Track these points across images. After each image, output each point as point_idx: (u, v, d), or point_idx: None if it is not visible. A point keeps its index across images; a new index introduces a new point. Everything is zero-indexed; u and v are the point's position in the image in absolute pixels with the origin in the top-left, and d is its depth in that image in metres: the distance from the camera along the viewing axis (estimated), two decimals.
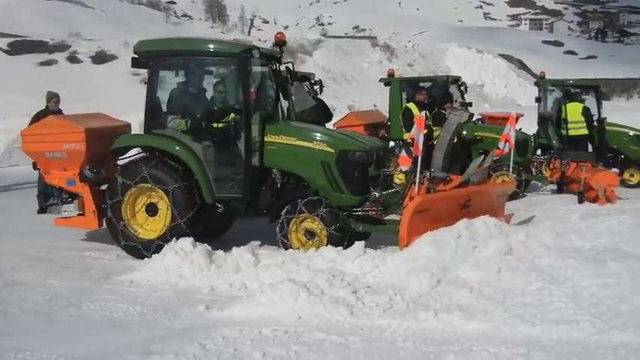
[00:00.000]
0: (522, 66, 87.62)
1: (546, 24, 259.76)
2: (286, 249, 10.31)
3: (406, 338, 6.90)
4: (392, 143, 17.20)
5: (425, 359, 6.39)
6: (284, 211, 10.45)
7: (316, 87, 17.08)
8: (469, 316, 7.35)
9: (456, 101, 16.71)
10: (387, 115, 18.53)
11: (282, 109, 11.64)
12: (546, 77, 21.42)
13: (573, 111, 18.40)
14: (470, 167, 11.10)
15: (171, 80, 11.25)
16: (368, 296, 7.94)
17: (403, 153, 10.96)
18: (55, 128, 11.13)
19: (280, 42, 11.08)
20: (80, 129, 10.83)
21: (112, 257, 10.64)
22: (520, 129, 18.92)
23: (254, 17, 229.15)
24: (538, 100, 20.33)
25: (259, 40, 52.70)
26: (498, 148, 13.52)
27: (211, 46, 10.94)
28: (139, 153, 11.04)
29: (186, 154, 10.57)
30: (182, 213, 10.39)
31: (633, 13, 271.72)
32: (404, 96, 17.74)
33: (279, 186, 10.82)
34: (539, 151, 18.90)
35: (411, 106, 15.38)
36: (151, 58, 10.97)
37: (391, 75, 18.66)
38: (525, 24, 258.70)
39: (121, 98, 31.23)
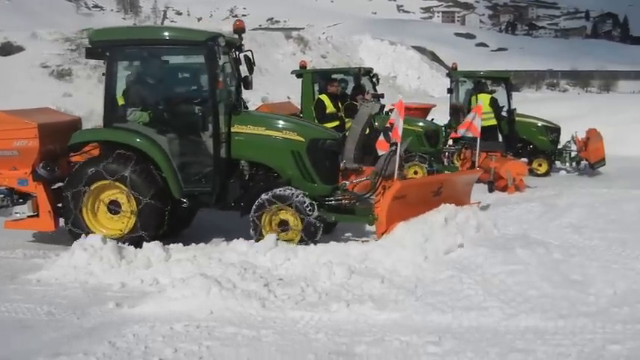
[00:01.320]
0: (435, 58, 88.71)
1: (458, 17, 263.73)
2: (257, 234, 10.06)
3: (318, 330, 6.91)
4: None
5: (337, 350, 6.39)
6: (256, 202, 10.17)
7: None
8: (381, 306, 7.41)
9: (367, 92, 16.78)
10: (300, 107, 18.51)
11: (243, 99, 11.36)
12: (458, 69, 21.74)
13: (482, 102, 18.70)
14: (381, 158, 11.17)
15: (129, 71, 10.85)
16: (280, 289, 7.93)
17: (381, 137, 10.81)
18: (3, 125, 10.41)
19: (239, 29, 10.73)
20: (33, 124, 10.27)
21: (18, 256, 10.20)
22: (432, 119, 19.21)
23: (167, 9, 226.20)
24: (450, 91, 20.63)
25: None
26: (456, 132, 13.53)
27: (176, 34, 10.64)
28: None
29: (150, 148, 10.21)
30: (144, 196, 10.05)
31: (542, 7, 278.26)
32: (316, 88, 17.72)
33: (247, 177, 10.59)
34: (450, 142, 19.15)
35: (324, 97, 15.37)
36: (108, 48, 10.46)
37: (303, 67, 18.63)
38: (438, 16, 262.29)
39: (33, 92, 30.39)
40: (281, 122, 10.78)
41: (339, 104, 15.43)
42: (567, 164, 20.50)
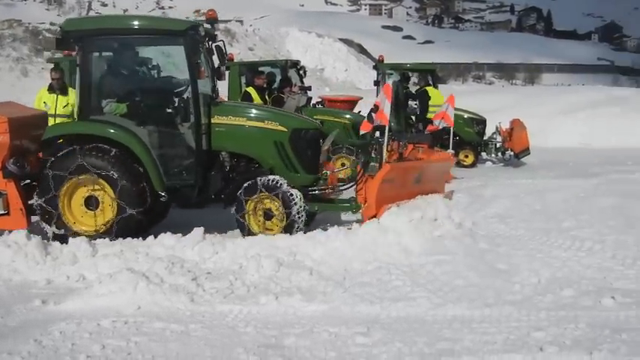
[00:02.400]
0: (362, 50, 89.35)
1: (385, 9, 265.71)
2: (245, 233, 9.96)
3: (247, 323, 6.88)
4: None
5: (266, 343, 6.37)
6: (240, 192, 10.03)
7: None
8: (309, 298, 7.43)
9: (295, 85, 16.80)
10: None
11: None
12: (385, 61, 21.90)
13: (436, 95, 18.95)
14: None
15: (104, 61, 10.58)
16: (208, 282, 7.89)
17: (365, 119, 10.69)
18: None
19: (212, 19, 10.58)
20: (3, 118, 9.82)
21: None
22: (359, 112, 19.32)
23: (92, 0, 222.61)
24: (377, 83, 20.77)
25: None
26: (432, 124, 13.56)
27: (154, 23, 10.43)
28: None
29: (131, 140, 9.91)
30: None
31: (468, 0, 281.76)
32: (243, 80, 17.66)
33: (228, 169, 10.42)
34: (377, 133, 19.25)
35: (251, 90, 15.31)
36: (83, 38, 10.14)
37: (230, 59, 18.55)
38: (365, 9, 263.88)
39: None
40: (262, 112, 10.69)
41: (267, 97, 15.38)
42: (493, 155, 20.87)
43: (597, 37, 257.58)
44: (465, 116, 20.48)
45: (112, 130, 9.98)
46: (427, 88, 19.25)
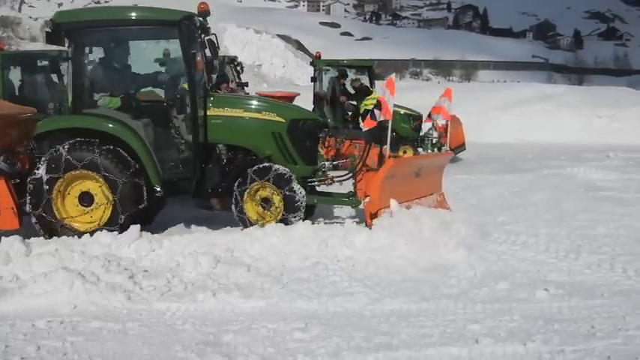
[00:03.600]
0: (300, 46, 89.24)
1: (323, 6, 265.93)
2: (245, 225, 9.88)
3: (185, 320, 6.85)
4: None
5: (205, 340, 6.34)
6: (236, 184, 9.99)
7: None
8: (247, 295, 7.42)
9: (232, 81, 16.73)
10: None
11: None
12: (322, 57, 21.93)
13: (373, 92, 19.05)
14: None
15: (98, 53, 10.39)
16: (145, 280, 7.81)
17: (369, 115, 10.55)
18: None
19: (204, 12, 10.36)
20: None
21: None
22: None
23: None
24: (314, 79, 20.80)
25: None
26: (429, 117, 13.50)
27: (148, 14, 10.14)
28: None
29: (127, 134, 9.72)
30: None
31: None
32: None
33: (225, 162, 10.29)
34: None
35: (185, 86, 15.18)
36: (75, 30, 9.97)
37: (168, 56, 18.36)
38: (303, 5, 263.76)
39: None
40: (259, 103, 10.62)
41: None
42: (429, 151, 21.05)
43: (532, 35, 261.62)
44: (401, 112, 20.60)
45: (108, 124, 9.83)
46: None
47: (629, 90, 44.76)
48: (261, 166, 10.03)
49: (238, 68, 18.70)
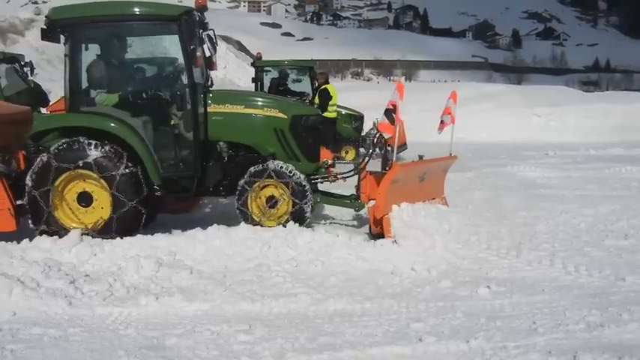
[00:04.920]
0: (241, 47, 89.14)
1: (264, 6, 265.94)
2: (247, 221, 9.73)
3: (128, 325, 6.76)
4: None
5: (148, 345, 6.28)
6: (242, 180, 9.87)
7: (27, 69, 16.23)
8: (190, 298, 7.36)
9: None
10: None
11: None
12: (263, 58, 21.90)
13: (336, 94, 19.00)
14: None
15: (95, 50, 10.20)
16: (87, 285, 7.70)
17: (383, 119, 10.26)
18: None
19: (202, 7, 10.21)
20: None
21: None
22: None
23: None
24: (255, 80, 20.75)
25: None
26: (443, 122, 13.45)
27: (147, 9, 9.90)
28: None
29: (126, 132, 9.56)
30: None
31: None
32: None
33: (226, 159, 10.12)
34: None
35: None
36: (72, 26, 9.82)
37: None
38: (244, 6, 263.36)
39: None
40: (260, 99, 10.51)
41: None
42: (371, 150, 21.09)
43: (471, 34, 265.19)
44: (343, 112, 20.68)
45: (108, 123, 9.68)
46: (327, 86, 19.22)
47: (566, 89, 45.78)
48: (280, 164, 9.95)
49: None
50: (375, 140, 10.67)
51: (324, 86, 19.13)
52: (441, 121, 12.13)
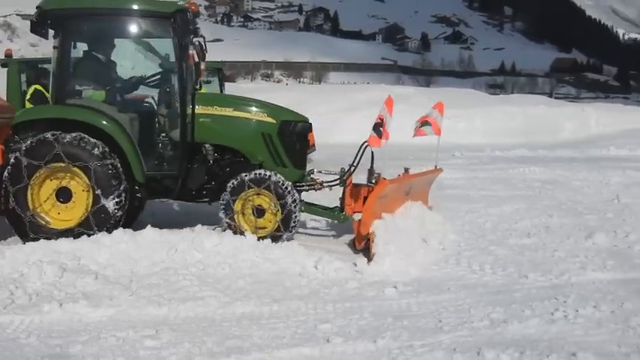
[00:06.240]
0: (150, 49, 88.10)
1: None
2: (235, 232, 9.40)
3: (30, 333, 6.58)
4: None
5: (51, 353, 6.14)
6: (228, 189, 9.55)
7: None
8: (95, 304, 7.21)
9: None
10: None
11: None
12: None
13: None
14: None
15: (83, 44, 9.95)
16: None
17: (372, 133, 10.21)
18: None
19: (195, 12, 9.96)
20: None
21: None
22: None
23: None
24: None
25: None
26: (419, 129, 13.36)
27: (141, 4, 9.62)
28: None
29: (111, 126, 9.31)
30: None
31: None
32: (23, 78, 16.77)
33: (211, 162, 9.83)
34: None
35: (41, 88, 14.65)
36: (63, 18, 9.59)
37: (8, 55, 17.61)
38: None
39: None
40: (249, 103, 10.23)
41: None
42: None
43: (381, 37, 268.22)
44: None
45: (94, 117, 9.46)
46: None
47: (473, 91, 46.69)
48: (257, 173, 9.72)
49: None
50: (361, 152, 10.65)
51: None
52: (418, 127, 12.36)
